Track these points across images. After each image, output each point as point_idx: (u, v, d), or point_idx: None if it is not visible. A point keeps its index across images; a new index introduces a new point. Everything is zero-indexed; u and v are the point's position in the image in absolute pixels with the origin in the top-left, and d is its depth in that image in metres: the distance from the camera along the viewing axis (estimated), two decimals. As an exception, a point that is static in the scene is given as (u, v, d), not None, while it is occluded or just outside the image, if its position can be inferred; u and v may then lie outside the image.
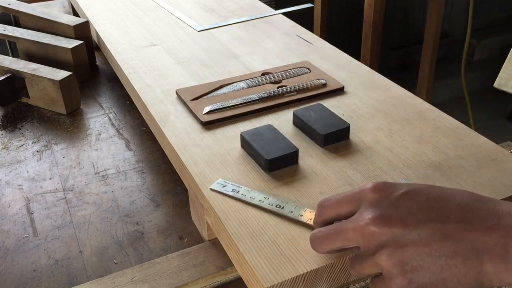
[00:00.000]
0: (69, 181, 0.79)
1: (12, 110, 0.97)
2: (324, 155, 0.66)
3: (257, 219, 0.56)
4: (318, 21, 2.20)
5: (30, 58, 1.06)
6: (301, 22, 1.09)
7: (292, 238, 0.53)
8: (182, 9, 1.16)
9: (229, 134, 0.70)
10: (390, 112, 0.74)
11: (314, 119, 0.69)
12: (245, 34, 1.02)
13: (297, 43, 0.98)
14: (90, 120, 0.95)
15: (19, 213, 0.73)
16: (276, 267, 0.50)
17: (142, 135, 0.90)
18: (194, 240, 0.68)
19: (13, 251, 0.67)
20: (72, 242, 0.68)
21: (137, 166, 0.82)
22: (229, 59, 0.92)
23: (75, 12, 1.30)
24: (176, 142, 0.69)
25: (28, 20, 1.14)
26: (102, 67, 1.15)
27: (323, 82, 0.81)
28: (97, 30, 1.06)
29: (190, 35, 1.03)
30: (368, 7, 1.92)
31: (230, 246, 0.55)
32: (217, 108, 0.74)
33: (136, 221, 0.71)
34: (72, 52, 1.02)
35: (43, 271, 0.64)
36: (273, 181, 0.61)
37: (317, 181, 0.61)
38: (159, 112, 0.76)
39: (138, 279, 0.61)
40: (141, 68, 0.89)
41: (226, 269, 0.62)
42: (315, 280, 0.50)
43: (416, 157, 0.65)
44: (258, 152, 0.63)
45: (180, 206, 0.74)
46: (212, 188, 0.60)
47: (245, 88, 0.81)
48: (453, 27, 2.89)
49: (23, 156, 0.85)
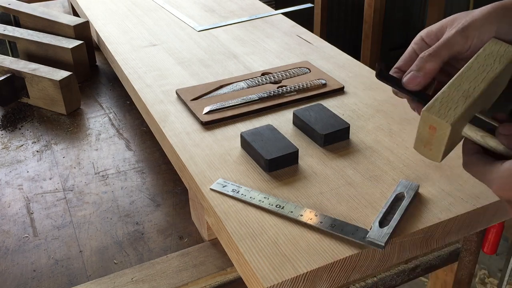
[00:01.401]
0: (69, 181, 0.79)
1: (12, 110, 0.97)
2: (324, 155, 0.66)
3: (257, 219, 0.56)
4: (318, 21, 2.20)
5: (30, 58, 1.06)
6: (301, 22, 1.09)
7: (292, 238, 0.53)
8: (182, 9, 1.16)
9: (229, 134, 0.70)
10: (390, 112, 0.75)
11: (314, 119, 0.69)
12: (245, 34, 1.02)
13: (297, 43, 0.98)
14: (90, 120, 0.95)
15: (19, 213, 0.73)
16: (276, 267, 0.50)
17: (142, 135, 0.90)
18: (194, 240, 0.68)
19: (13, 251, 0.67)
20: (72, 242, 0.68)
21: (137, 166, 0.82)
22: (229, 59, 0.92)
23: (75, 12, 1.30)
24: (176, 142, 0.69)
25: (28, 20, 1.14)
26: (102, 67, 1.15)
27: (323, 82, 0.81)
28: (97, 30, 1.06)
29: (190, 35, 1.03)
30: (368, 7, 1.93)
31: (230, 246, 0.55)
32: (217, 108, 0.74)
33: (136, 221, 0.71)
34: (72, 52, 1.02)
35: (43, 271, 0.64)
36: (273, 181, 0.61)
37: (317, 181, 0.61)
38: (159, 112, 0.76)
39: (138, 279, 0.61)
40: (141, 68, 0.89)
41: (226, 269, 0.62)
42: (315, 280, 0.50)
43: (416, 157, 0.65)
44: (258, 152, 0.63)
45: (180, 206, 0.74)
46: (212, 188, 0.60)
47: (245, 88, 0.81)
48: (453, 27, 2.88)
49: (23, 156, 0.85)
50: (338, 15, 2.67)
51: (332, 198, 0.58)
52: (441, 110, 0.47)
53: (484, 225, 0.60)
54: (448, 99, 0.47)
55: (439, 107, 0.47)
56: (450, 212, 0.56)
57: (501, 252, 1.85)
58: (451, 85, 0.49)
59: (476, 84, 0.49)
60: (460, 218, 0.56)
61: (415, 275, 0.72)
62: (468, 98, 0.47)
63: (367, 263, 0.53)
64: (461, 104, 0.47)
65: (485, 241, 0.77)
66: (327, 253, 0.51)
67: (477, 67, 0.50)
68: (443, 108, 0.47)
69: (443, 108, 0.47)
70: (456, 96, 0.48)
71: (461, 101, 0.47)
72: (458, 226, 0.57)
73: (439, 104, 0.47)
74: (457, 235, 0.58)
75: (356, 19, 2.61)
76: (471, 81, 0.49)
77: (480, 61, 0.50)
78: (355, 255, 0.51)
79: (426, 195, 0.59)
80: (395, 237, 0.53)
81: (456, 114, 0.46)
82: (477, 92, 0.48)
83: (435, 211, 0.56)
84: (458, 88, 0.48)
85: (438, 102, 0.47)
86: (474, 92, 0.48)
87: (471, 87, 0.48)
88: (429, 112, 0.47)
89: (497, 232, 0.74)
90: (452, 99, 0.47)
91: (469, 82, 0.49)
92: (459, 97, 0.48)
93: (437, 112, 0.46)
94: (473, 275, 0.78)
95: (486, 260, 1.85)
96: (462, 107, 0.47)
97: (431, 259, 0.71)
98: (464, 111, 0.47)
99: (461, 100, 0.47)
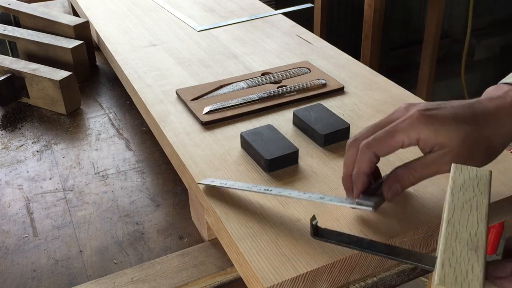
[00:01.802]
0: (69, 181, 0.79)
1: (12, 110, 0.97)
2: (324, 155, 0.66)
3: (257, 219, 0.56)
4: (318, 21, 2.20)
5: (30, 58, 1.06)
6: (301, 22, 1.09)
7: (292, 238, 0.53)
8: (182, 9, 1.16)
9: (229, 134, 0.70)
10: (390, 112, 0.74)
11: (314, 119, 0.69)
12: (245, 34, 1.02)
13: (297, 43, 0.98)
14: (90, 120, 0.95)
15: (19, 213, 0.73)
16: (276, 267, 0.50)
17: (142, 135, 0.90)
18: (194, 240, 0.68)
19: (13, 251, 0.67)
20: (72, 242, 0.68)
21: (137, 166, 0.82)
22: (229, 59, 0.92)
23: (75, 12, 1.30)
24: (176, 142, 0.69)
25: (28, 20, 1.14)
26: (102, 67, 1.15)
27: (323, 82, 0.81)
28: (97, 30, 1.06)
29: (190, 35, 1.03)
30: (368, 7, 1.92)
31: (230, 246, 0.55)
32: (217, 108, 0.74)
33: (136, 221, 0.71)
34: (72, 52, 1.02)
35: (43, 271, 0.64)
36: (273, 181, 0.61)
37: (317, 181, 0.61)
38: (159, 112, 0.76)
39: (138, 279, 0.61)
40: (141, 68, 0.89)
41: (226, 269, 0.62)
42: (315, 280, 0.50)
43: (416, 157, 0.65)
44: (258, 152, 0.63)
45: (180, 206, 0.74)
46: (199, 182, 0.61)
47: (245, 88, 0.81)
48: (453, 27, 2.89)
49: (23, 156, 0.85)
50: (338, 15, 2.67)
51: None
52: (458, 278, 0.39)
53: (484, 225, 0.60)
54: (456, 259, 0.40)
55: (453, 274, 0.39)
56: (450, 212, 0.56)
57: (501, 252, 1.85)
58: (448, 239, 0.42)
59: (474, 228, 0.42)
60: (460, 218, 0.56)
61: (415, 275, 0.72)
62: (477, 249, 0.40)
63: (367, 263, 0.53)
64: (475, 260, 0.40)
65: (485, 241, 0.77)
66: (327, 253, 0.51)
67: (461, 206, 0.44)
68: (458, 273, 0.39)
69: (458, 273, 0.39)
70: (463, 251, 0.40)
71: (473, 257, 0.40)
72: (458, 226, 0.57)
73: (451, 270, 0.39)
74: (457, 235, 0.58)
75: (356, 19, 2.61)
76: (466, 227, 0.42)
77: (459, 197, 0.45)
78: (355, 255, 0.51)
79: (426, 195, 0.58)
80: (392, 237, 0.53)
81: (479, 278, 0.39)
82: (481, 238, 0.41)
83: (435, 211, 0.56)
84: (457, 240, 0.41)
85: (448, 267, 0.39)
86: (478, 239, 0.41)
87: (472, 234, 0.42)
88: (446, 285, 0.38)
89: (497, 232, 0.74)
90: (460, 257, 0.40)
91: (464, 228, 0.42)
92: (467, 251, 0.40)
93: (455, 282, 0.38)
94: (473, 275, 0.78)
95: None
96: (478, 263, 0.39)
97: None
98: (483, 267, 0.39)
99: (472, 255, 0.40)
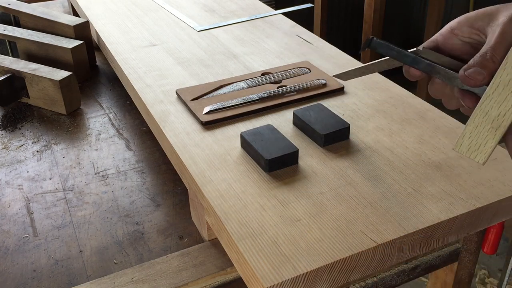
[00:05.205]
0: (69, 181, 0.79)
1: (12, 110, 0.97)
2: (324, 155, 0.66)
3: (257, 219, 0.56)
4: (318, 21, 2.20)
5: (30, 58, 1.06)
6: (301, 22, 1.09)
7: (292, 238, 0.53)
8: (182, 9, 1.16)
9: (229, 134, 0.70)
10: (390, 112, 0.75)
11: (314, 119, 0.69)
12: (245, 34, 1.02)
13: (297, 43, 0.98)
14: (90, 120, 0.95)
15: (19, 213, 0.73)
16: (276, 267, 0.50)
17: (142, 135, 0.90)
18: (194, 240, 0.68)
19: (13, 251, 0.67)
20: (72, 242, 0.68)
21: (137, 166, 0.82)
22: (229, 59, 0.92)
23: (75, 12, 1.30)
24: (176, 142, 0.69)
25: (28, 20, 1.14)
26: (102, 67, 1.15)
27: (323, 82, 0.81)
28: (97, 30, 1.06)
29: (190, 35, 1.03)
30: (368, 7, 1.93)
31: (230, 246, 0.55)
32: (217, 108, 0.74)
33: (136, 221, 0.71)
34: (72, 52, 1.02)
35: (43, 271, 0.64)
36: (273, 181, 0.61)
37: (317, 181, 0.61)
38: (159, 112, 0.76)
39: (138, 279, 0.61)
40: (141, 68, 0.89)
41: (226, 269, 0.62)
42: (315, 280, 0.50)
43: (416, 157, 0.65)
44: (258, 152, 0.63)
45: (180, 206, 0.74)
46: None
47: (245, 88, 0.81)
48: (453, 27, 2.88)
49: (23, 156, 0.85)
50: (338, 15, 2.67)
51: (332, 198, 0.58)
52: (471, 147, 0.44)
53: (484, 225, 0.60)
54: (476, 133, 0.44)
55: (469, 144, 0.44)
56: (450, 212, 0.56)
57: (501, 252, 1.85)
58: (479, 112, 0.44)
59: (506, 108, 0.43)
60: (460, 218, 0.56)
61: (415, 275, 0.72)
62: (498, 129, 0.43)
63: (367, 263, 0.53)
64: (491, 139, 0.43)
65: (485, 241, 0.77)
66: (327, 253, 0.51)
67: (505, 83, 0.43)
68: (472, 145, 0.44)
69: (472, 145, 0.44)
70: (485, 129, 0.43)
71: (491, 135, 0.43)
72: (458, 226, 0.57)
73: (468, 141, 0.44)
74: (457, 235, 0.58)
75: (356, 19, 2.61)
76: (500, 105, 0.43)
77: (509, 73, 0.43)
78: (355, 255, 0.51)
79: (426, 195, 0.59)
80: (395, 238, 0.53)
81: (486, 152, 0.43)
82: (507, 119, 0.43)
83: (435, 211, 0.56)
84: (486, 116, 0.43)
85: (467, 138, 0.44)
86: (504, 121, 0.43)
87: (500, 114, 0.43)
88: (460, 151, 0.44)
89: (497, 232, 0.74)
90: (480, 133, 0.44)
91: (498, 106, 0.43)
92: (488, 129, 0.43)
93: (467, 151, 0.44)
94: (473, 275, 0.78)
95: (486, 260, 1.85)
96: (493, 141, 0.43)
97: (431, 259, 0.71)
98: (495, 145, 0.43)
99: (491, 133, 0.43)
